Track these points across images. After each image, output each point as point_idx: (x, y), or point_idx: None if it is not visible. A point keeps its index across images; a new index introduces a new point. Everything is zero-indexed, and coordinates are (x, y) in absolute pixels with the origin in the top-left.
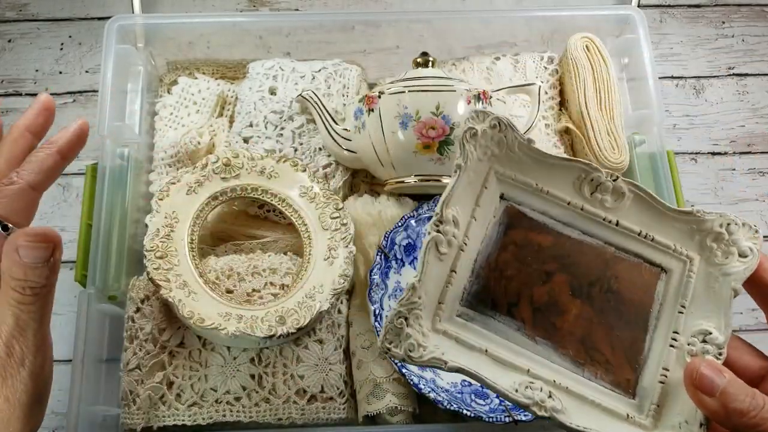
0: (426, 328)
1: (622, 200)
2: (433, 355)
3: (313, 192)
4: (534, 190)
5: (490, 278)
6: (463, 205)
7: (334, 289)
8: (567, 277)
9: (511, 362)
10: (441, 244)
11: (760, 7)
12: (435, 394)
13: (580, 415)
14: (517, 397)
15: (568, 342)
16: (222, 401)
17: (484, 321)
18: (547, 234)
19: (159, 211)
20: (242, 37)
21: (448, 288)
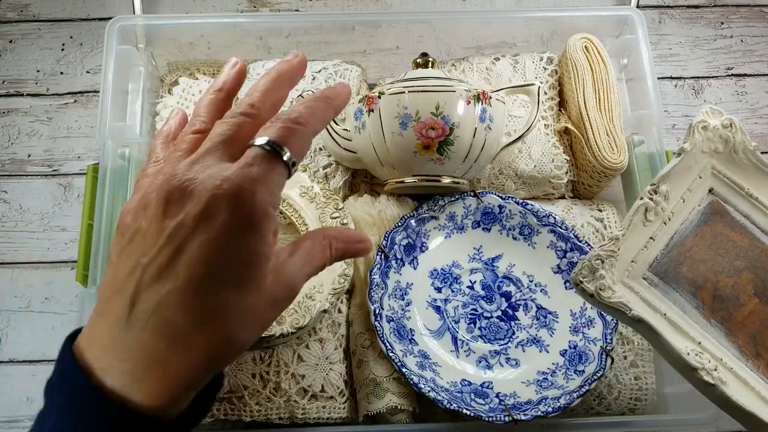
0: (615, 277)
1: None
2: (621, 300)
3: (313, 192)
4: (744, 194)
5: (682, 256)
6: (676, 185)
7: (334, 289)
8: (753, 278)
9: (686, 331)
10: (650, 211)
11: (759, 8)
12: (435, 394)
13: (740, 394)
14: (689, 359)
15: (739, 333)
16: (223, 400)
17: (665, 290)
18: (745, 236)
19: None
20: (242, 38)
21: (642, 251)
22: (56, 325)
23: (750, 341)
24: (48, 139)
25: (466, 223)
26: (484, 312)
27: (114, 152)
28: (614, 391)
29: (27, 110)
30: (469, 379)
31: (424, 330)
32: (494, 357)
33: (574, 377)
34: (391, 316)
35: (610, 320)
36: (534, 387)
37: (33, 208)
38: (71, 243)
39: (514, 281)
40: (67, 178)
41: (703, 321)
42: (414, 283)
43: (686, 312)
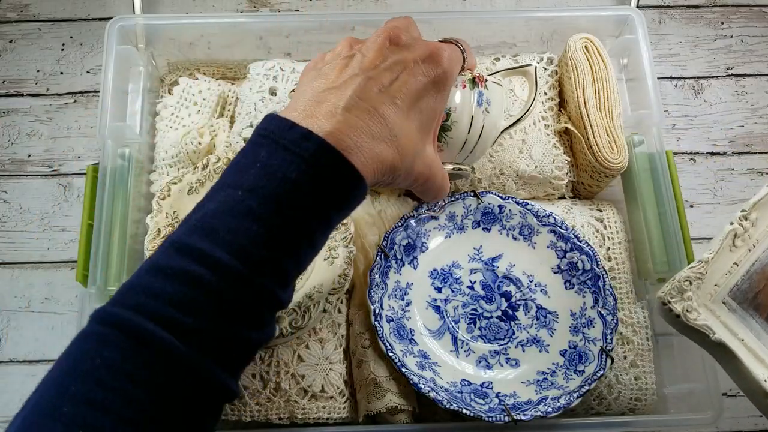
0: (701, 300)
1: None
2: (705, 323)
3: None
4: None
5: (761, 283)
6: (764, 213)
7: (333, 289)
8: None
9: (762, 358)
10: (738, 237)
11: (758, 8)
12: (435, 394)
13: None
14: (766, 386)
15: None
16: None
17: (743, 316)
18: None
19: (160, 211)
20: (242, 38)
21: (726, 276)
22: (56, 325)
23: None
24: (48, 139)
25: (466, 223)
26: (484, 312)
27: (114, 152)
28: (614, 391)
29: (27, 110)
30: (468, 379)
31: (424, 330)
32: (494, 357)
33: (574, 377)
34: (391, 316)
35: (609, 320)
36: (534, 387)
37: (33, 208)
38: (71, 243)
39: (514, 281)
40: (67, 178)
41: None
42: (414, 283)
43: (761, 339)
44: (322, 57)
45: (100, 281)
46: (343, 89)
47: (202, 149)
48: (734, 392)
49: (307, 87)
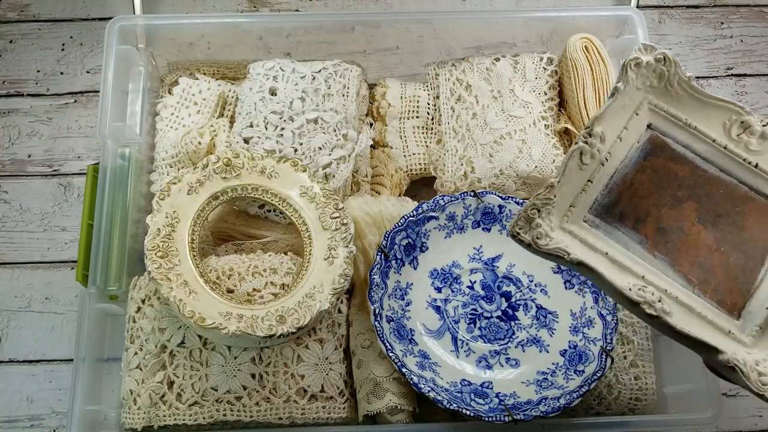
0: (554, 224)
1: (766, 144)
2: (558, 246)
3: (313, 192)
4: (682, 125)
5: (623, 194)
6: (612, 125)
7: (334, 289)
8: (696, 206)
9: (628, 267)
10: (585, 154)
11: (758, 8)
12: (435, 394)
13: (686, 322)
14: (631, 294)
15: (684, 261)
16: (223, 400)
17: (607, 230)
18: (685, 165)
19: (160, 211)
20: (242, 38)
21: (581, 194)
22: (56, 325)
23: (696, 268)
24: (48, 139)
25: (466, 223)
26: (484, 312)
27: (114, 152)
28: (614, 391)
29: (27, 110)
30: (468, 379)
31: (424, 330)
32: (494, 357)
33: (574, 377)
34: (391, 316)
35: (610, 320)
36: (534, 387)
37: (33, 208)
38: (71, 243)
39: (514, 281)
40: (67, 178)
41: (647, 255)
42: (414, 283)
43: (630, 249)
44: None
45: (100, 281)
46: None
47: (202, 149)
48: (734, 392)
49: None
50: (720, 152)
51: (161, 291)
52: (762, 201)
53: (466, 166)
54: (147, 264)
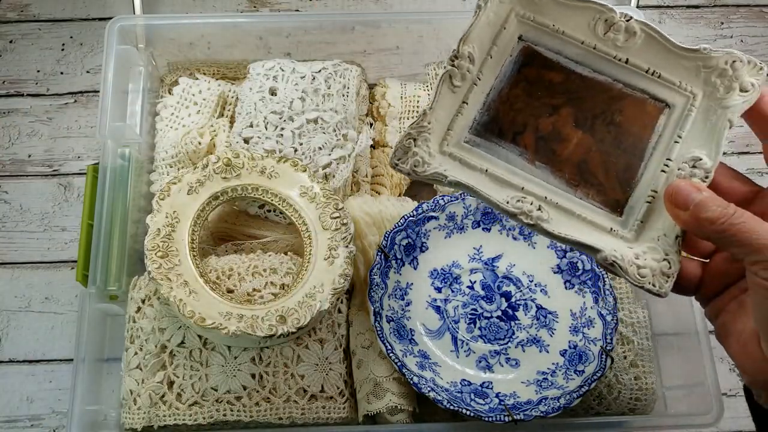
0: (433, 149)
1: (633, 39)
2: (436, 170)
3: (314, 192)
4: (551, 31)
5: (500, 110)
6: (480, 43)
7: (334, 289)
8: (572, 110)
9: (508, 180)
10: (455, 77)
11: (758, 8)
12: (435, 394)
13: (564, 226)
14: (507, 207)
15: (565, 166)
16: (223, 401)
17: (488, 147)
18: (559, 72)
19: (160, 211)
20: (242, 38)
21: (458, 117)
22: (56, 325)
23: (576, 171)
24: (48, 139)
25: (466, 223)
26: (484, 312)
27: (114, 152)
28: (614, 391)
29: (27, 110)
30: (468, 379)
31: (424, 330)
32: (494, 357)
33: (574, 377)
34: (391, 316)
35: (610, 320)
36: (534, 387)
37: (33, 208)
38: (71, 243)
39: (514, 281)
40: (67, 178)
41: (527, 166)
42: (414, 283)
43: (511, 161)
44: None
45: (100, 281)
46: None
47: (202, 149)
48: (734, 392)
49: None
50: (591, 53)
51: (161, 291)
52: (637, 95)
53: None
54: (147, 264)
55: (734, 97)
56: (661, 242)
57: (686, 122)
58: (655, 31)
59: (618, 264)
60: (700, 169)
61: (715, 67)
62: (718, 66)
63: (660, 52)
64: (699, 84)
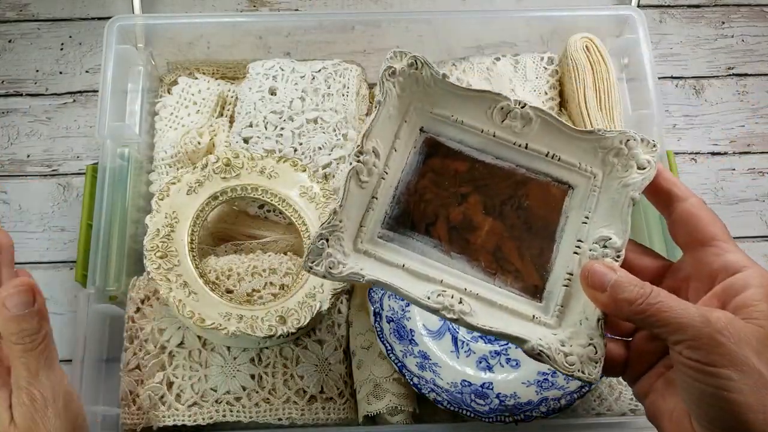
0: (347, 248)
1: (530, 125)
2: (352, 270)
3: (313, 192)
4: (451, 121)
5: (410, 202)
6: (383, 137)
7: (334, 289)
8: (481, 198)
9: (426, 274)
10: (362, 172)
11: (759, 8)
12: (435, 395)
13: (488, 317)
14: (429, 303)
15: (481, 254)
16: (222, 401)
17: (403, 240)
18: (463, 160)
19: (159, 211)
20: (242, 38)
21: (369, 212)
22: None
23: (492, 259)
24: (47, 139)
25: None
26: None
27: (113, 152)
28: (615, 392)
29: (26, 110)
30: (469, 379)
31: (424, 330)
32: (494, 357)
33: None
34: (391, 316)
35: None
36: (534, 388)
37: (32, 208)
38: (70, 243)
39: None
40: (66, 178)
41: (444, 257)
42: None
43: (427, 254)
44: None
45: (99, 281)
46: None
47: (202, 149)
48: None
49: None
50: (491, 140)
51: (161, 291)
52: (541, 179)
53: None
54: (146, 264)
55: (633, 175)
56: (584, 326)
57: (591, 202)
58: (549, 116)
59: (545, 354)
60: (610, 248)
61: (610, 147)
62: (613, 146)
63: (557, 136)
64: (598, 164)
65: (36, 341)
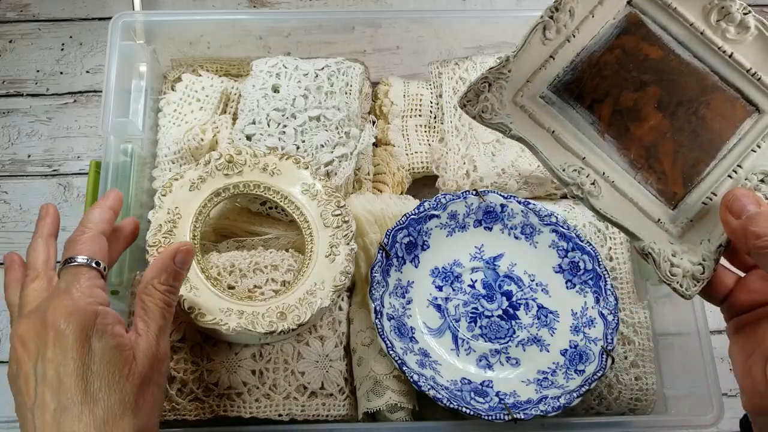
0: (506, 98)
1: (744, 34)
2: (502, 120)
3: (315, 189)
4: (662, 4)
5: (586, 73)
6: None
7: (335, 286)
8: (659, 91)
9: (572, 147)
10: (550, 29)
11: (759, 8)
12: (435, 392)
13: (613, 207)
14: (562, 175)
15: (633, 146)
16: (223, 396)
17: (562, 108)
18: (659, 48)
19: (162, 207)
20: (242, 38)
21: (541, 70)
22: None
23: (643, 154)
24: (48, 139)
25: (468, 222)
26: (485, 311)
27: (117, 148)
28: (614, 391)
29: (27, 110)
30: (469, 377)
31: (425, 328)
32: (494, 356)
33: (574, 377)
34: (392, 314)
35: (611, 320)
36: (534, 386)
37: (33, 209)
38: None
39: (516, 280)
40: (67, 178)
41: (596, 136)
42: (415, 282)
43: (580, 128)
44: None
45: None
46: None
47: (205, 145)
48: (734, 392)
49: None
50: (696, 37)
51: None
52: (730, 93)
53: (468, 165)
54: (148, 260)
55: None
56: (703, 246)
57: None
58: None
59: (653, 257)
60: (767, 185)
61: None
62: None
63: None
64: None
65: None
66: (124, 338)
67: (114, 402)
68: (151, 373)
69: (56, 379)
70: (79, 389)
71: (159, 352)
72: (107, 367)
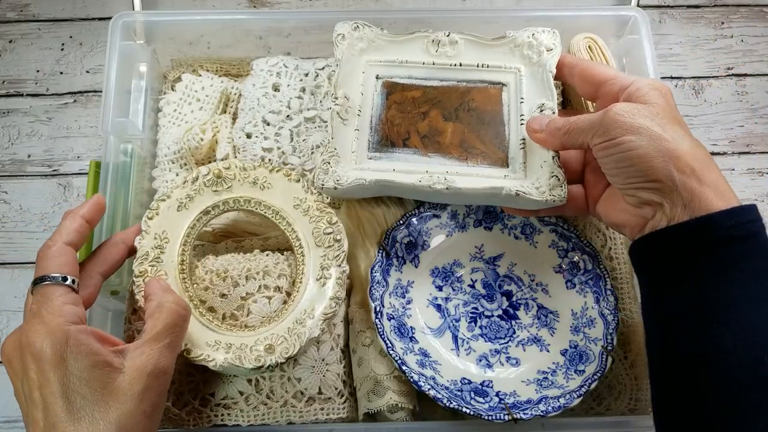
0: (347, 168)
1: (457, 46)
2: (356, 178)
3: (307, 204)
4: (398, 63)
5: (385, 128)
6: (350, 88)
7: (324, 314)
8: (439, 111)
9: (414, 170)
10: (341, 113)
11: (759, 8)
12: (435, 392)
13: (470, 183)
14: (420, 184)
15: (451, 149)
16: (220, 405)
17: (389, 155)
18: (417, 89)
19: (148, 233)
20: (242, 38)
21: (356, 141)
22: None
23: (461, 149)
24: (48, 139)
25: (468, 222)
26: (485, 311)
27: (116, 148)
28: (614, 391)
29: (27, 110)
30: (469, 377)
31: (425, 328)
32: (495, 356)
33: (574, 377)
34: (392, 314)
35: (611, 320)
36: (534, 386)
37: (33, 209)
38: None
39: (515, 280)
40: (67, 178)
41: (423, 158)
42: (415, 282)
43: (410, 160)
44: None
45: None
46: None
47: (204, 145)
48: None
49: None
50: (432, 68)
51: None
52: (479, 86)
53: None
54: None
55: (545, 56)
56: (545, 167)
57: (522, 88)
58: (469, 35)
59: (521, 192)
60: (546, 109)
61: (522, 43)
62: (524, 41)
63: (481, 49)
64: (518, 60)
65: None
66: (102, 355)
67: (99, 419)
68: (146, 389)
69: (40, 399)
70: (62, 409)
71: (157, 367)
72: (87, 385)
